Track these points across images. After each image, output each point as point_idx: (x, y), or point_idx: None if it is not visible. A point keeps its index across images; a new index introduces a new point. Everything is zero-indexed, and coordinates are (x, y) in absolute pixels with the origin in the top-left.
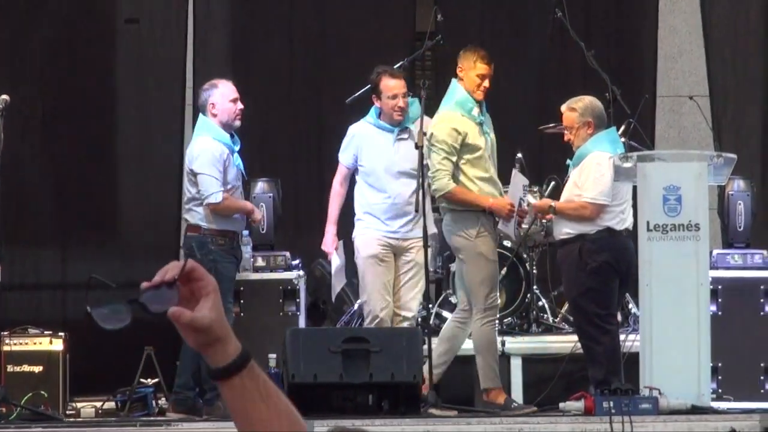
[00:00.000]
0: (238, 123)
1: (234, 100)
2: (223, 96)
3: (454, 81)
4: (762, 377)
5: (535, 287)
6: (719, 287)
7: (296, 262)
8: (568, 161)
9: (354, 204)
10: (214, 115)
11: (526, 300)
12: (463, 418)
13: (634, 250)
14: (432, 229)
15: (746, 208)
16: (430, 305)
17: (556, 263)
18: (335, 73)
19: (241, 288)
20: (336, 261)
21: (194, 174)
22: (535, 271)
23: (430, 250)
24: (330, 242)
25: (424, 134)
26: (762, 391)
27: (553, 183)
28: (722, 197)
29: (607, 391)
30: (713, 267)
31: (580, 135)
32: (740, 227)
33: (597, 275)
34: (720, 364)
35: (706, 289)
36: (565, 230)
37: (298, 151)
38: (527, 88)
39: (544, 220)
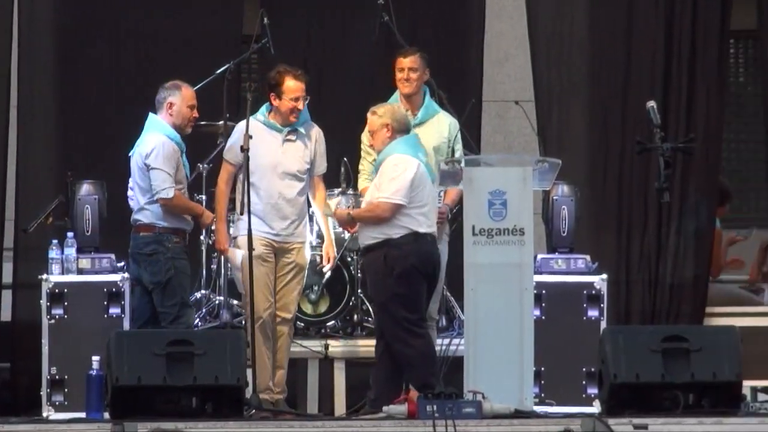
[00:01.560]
0: (189, 130)
1: (192, 107)
2: (183, 99)
3: None
4: (584, 382)
5: (359, 291)
6: (543, 292)
7: (121, 264)
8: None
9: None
10: (170, 115)
11: (351, 303)
12: (286, 421)
13: (439, 254)
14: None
15: (570, 213)
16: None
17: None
18: (162, 74)
19: (65, 290)
20: (237, 256)
21: (148, 169)
22: (359, 275)
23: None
24: (224, 239)
25: (251, 137)
26: (584, 395)
27: None
28: (547, 202)
29: (430, 394)
30: (537, 272)
31: (379, 138)
32: (564, 232)
33: (404, 280)
34: (543, 369)
35: (530, 294)
36: (370, 236)
37: (124, 153)
38: (354, 93)
39: (351, 232)
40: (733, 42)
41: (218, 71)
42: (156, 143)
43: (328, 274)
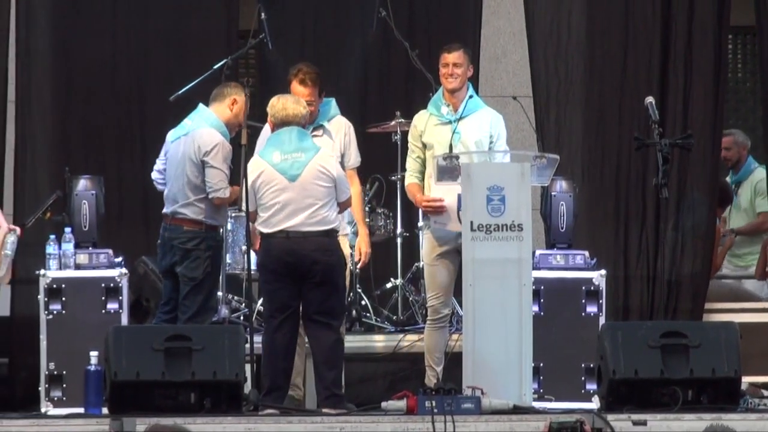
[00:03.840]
0: (233, 134)
1: (245, 114)
2: (244, 104)
3: None
4: (583, 377)
5: (357, 287)
6: (542, 288)
7: (119, 259)
8: None
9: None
10: (230, 110)
11: (349, 299)
12: (284, 417)
13: (305, 249)
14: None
15: (568, 209)
16: (254, 303)
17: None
18: (159, 70)
19: (63, 285)
20: None
21: (205, 165)
22: (358, 271)
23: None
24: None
25: (249, 132)
26: (582, 391)
27: (377, 183)
28: (545, 198)
29: (430, 390)
30: (536, 267)
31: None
32: (562, 228)
33: (260, 274)
34: (542, 364)
35: (529, 290)
36: None
37: (121, 148)
38: (351, 89)
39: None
40: (731, 37)
41: (215, 66)
42: (217, 141)
43: None
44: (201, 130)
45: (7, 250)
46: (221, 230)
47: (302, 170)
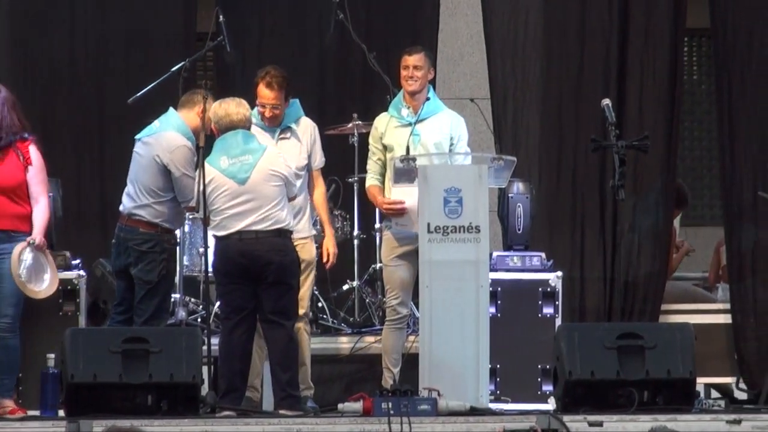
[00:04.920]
0: (200, 141)
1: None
2: (209, 113)
3: None
4: (539, 378)
5: (315, 288)
6: (498, 289)
7: (76, 261)
8: None
9: None
10: (199, 117)
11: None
12: (241, 419)
13: (257, 251)
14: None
15: (525, 211)
16: (211, 305)
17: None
18: (117, 72)
19: None
20: None
21: (172, 173)
22: (315, 272)
23: None
24: None
25: (211, 135)
26: (539, 392)
27: (333, 185)
28: (502, 199)
29: (386, 391)
30: (493, 269)
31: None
32: (519, 230)
33: (215, 277)
34: (498, 366)
35: (486, 291)
36: None
37: (79, 150)
38: (308, 91)
39: None
40: (687, 40)
41: (173, 69)
42: (179, 144)
43: None
44: (165, 133)
45: (22, 271)
46: (176, 233)
47: (251, 172)
